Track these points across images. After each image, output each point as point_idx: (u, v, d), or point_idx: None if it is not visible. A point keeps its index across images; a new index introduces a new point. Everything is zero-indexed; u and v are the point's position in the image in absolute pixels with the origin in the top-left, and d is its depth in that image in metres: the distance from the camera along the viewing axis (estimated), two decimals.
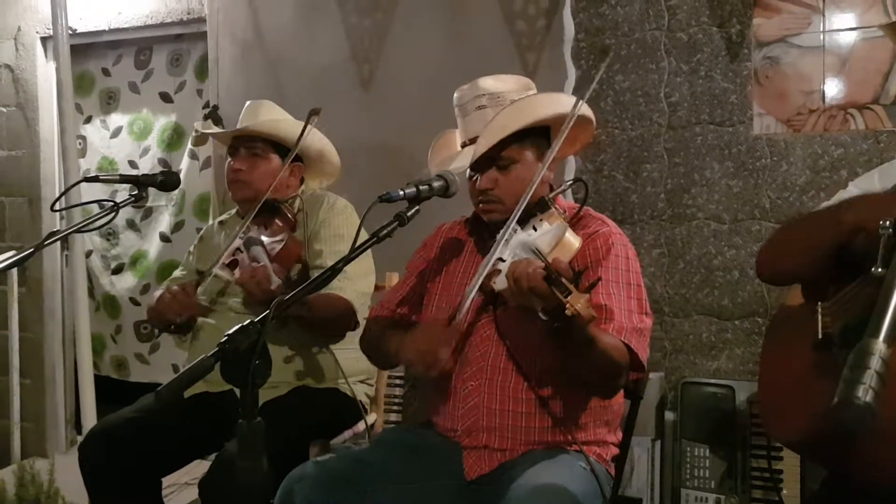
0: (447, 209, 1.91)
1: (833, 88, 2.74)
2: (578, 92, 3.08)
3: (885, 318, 0.82)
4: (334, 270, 1.30)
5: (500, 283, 1.58)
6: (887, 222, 0.89)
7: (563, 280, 1.39)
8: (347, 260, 1.35)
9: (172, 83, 4.02)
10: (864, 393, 0.78)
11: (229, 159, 2.37)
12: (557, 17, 3.13)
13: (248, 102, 2.51)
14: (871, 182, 1.54)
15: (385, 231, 1.47)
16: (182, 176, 3.88)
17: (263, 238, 2.07)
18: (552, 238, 1.55)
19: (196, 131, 2.61)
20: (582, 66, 3.08)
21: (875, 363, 0.79)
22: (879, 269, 0.91)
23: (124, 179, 2.09)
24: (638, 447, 2.70)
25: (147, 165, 4.03)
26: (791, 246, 1.53)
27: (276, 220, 2.17)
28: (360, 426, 2.18)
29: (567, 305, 1.37)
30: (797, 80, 2.78)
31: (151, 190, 2.10)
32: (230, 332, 1.15)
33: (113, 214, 1.86)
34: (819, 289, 1.41)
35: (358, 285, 2.16)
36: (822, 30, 2.75)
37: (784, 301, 1.63)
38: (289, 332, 2.14)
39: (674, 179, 2.95)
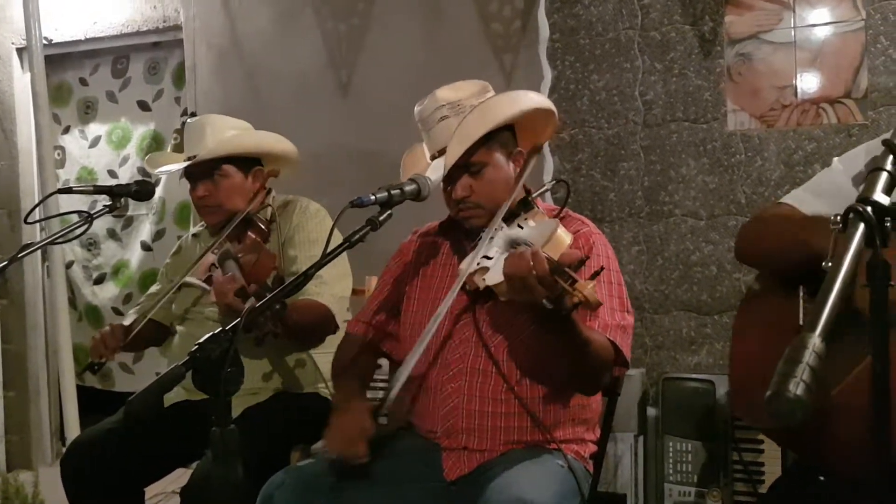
0: (432, 210, 1.93)
1: (805, 83, 2.77)
2: (554, 93, 3.11)
3: (822, 313, 0.84)
4: (306, 276, 1.31)
5: (491, 279, 1.57)
6: (837, 217, 0.90)
7: (567, 269, 1.40)
8: (319, 266, 1.36)
9: (150, 91, 4.01)
10: (796, 386, 0.80)
11: (189, 185, 2.33)
12: (532, 18, 3.15)
13: (187, 122, 2.45)
14: (857, 158, 1.54)
15: (357, 236, 1.48)
16: (162, 184, 3.92)
17: (236, 253, 2.06)
18: (544, 233, 1.55)
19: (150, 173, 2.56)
20: (558, 66, 3.11)
21: (808, 357, 0.81)
22: (829, 265, 0.93)
23: (98, 190, 2.08)
24: (621, 443, 2.72)
25: (127, 174, 4.02)
26: (775, 242, 1.54)
27: (249, 233, 2.17)
28: None
29: (574, 292, 1.36)
30: (770, 76, 2.81)
31: (132, 199, 2.09)
32: (201, 340, 1.16)
33: (87, 226, 1.85)
34: (795, 277, 1.43)
35: (335, 289, 2.16)
36: (793, 25, 2.78)
37: (752, 285, 1.64)
38: (271, 342, 2.14)
39: (650, 177, 2.98)
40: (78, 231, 1.86)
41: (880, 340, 0.86)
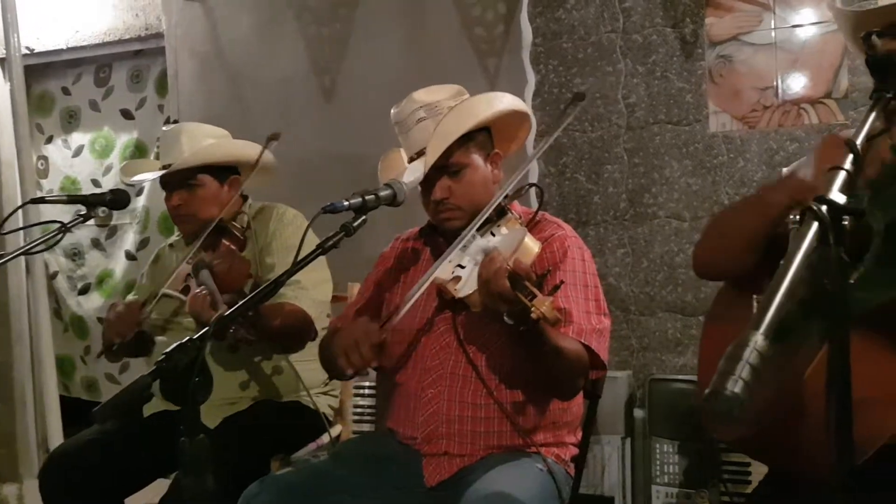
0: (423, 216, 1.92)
1: (786, 84, 2.78)
2: (538, 97, 3.11)
3: (767, 312, 0.83)
4: (277, 283, 1.30)
5: (462, 290, 1.58)
6: (796, 216, 0.90)
7: (527, 284, 1.40)
8: (290, 273, 1.35)
9: (133, 100, 4.00)
10: (734, 384, 0.79)
11: (165, 194, 2.31)
12: (515, 22, 3.15)
13: (164, 129, 2.44)
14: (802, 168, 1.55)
15: (330, 242, 1.47)
16: (145, 193, 3.90)
17: (210, 262, 2.05)
18: (512, 243, 1.56)
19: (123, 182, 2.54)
20: (541, 70, 3.11)
21: (749, 355, 0.80)
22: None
23: (72, 199, 2.07)
24: (608, 446, 2.72)
25: (110, 183, 4.00)
26: (723, 238, 1.55)
27: (224, 241, 2.15)
28: (325, 438, 2.17)
29: (532, 309, 1.38)
30: (751, 78, 2.81)
31: (107, 208, 2.07)
32: (168, 349, 1.14)
33: (61, 235, 1.84)
34: (755, 282, 1.42)
35: (313, 294, 2.15)
36: (773, 27, 2.79)
37: (720, 290, 1.64)
38: (247, 349, 2.13)
39: (634, 179, 2.98)
40: (52, 241, 1.84)
41: (839, 340, 0.86)
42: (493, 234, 1.66)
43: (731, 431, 0.74)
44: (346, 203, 1.52)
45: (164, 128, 2.50)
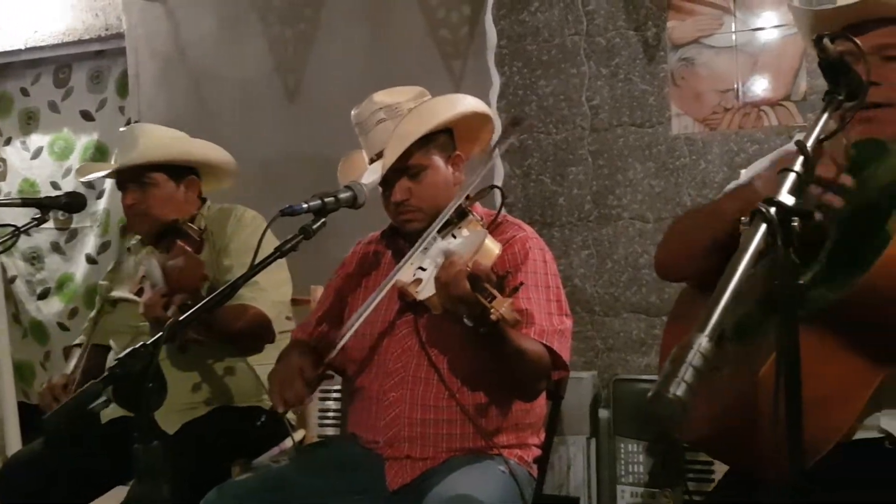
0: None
1: (746, 87, 2.82)
2: (503, 99, 3.12)
3: (713, 313, 0.84)
4: (234, 287, 1.28)
5: (423, 293, 1.58)
6: (746, 219, 0.91)
7: (487, 286, 1.41)
8: (247, 277, 1.33)
9: (93, 101, 3.95)
10: (676, 386, 0.79)
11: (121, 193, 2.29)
12: (479, 24, 3.16)
13: (121, 130, 2.42)
14: (762, 169, 1.57)
15: (289, 245, 1.45)
16: (106, 196, 3.84)
17: (166, 262, 2.03)
18: (472, 245, 1.56)
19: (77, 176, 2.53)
20: (506, 72, 3.12)
21: (693, 357, 0.80)
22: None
23: (26, 203, 2.03)
24: (573, 446, 2.73)
25: (70, 186, 3.94)
26: (683, 243, 1.56)
27: (179, 242, 2.13)
28: (287, 443, 2.15)
29: (492, 310, 1.38)
30: (712, 80, 2.85)
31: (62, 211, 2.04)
32: (120, 355, 1.12)
33: (14, 239, 1.80)
34: (715, 283, 1.43)
35: (272, 295, 2.13)
36: (733, 30, 2.83)
37: (683, 290, 1.66)
38: (203, 352, 2.10)
39: (599, 181, 3.00)
40: (6, 245, 1.80)
41: (788, 339, 0.86)
42: (454, 236, 1.66)
43: (673, 432, 0.74)
44: (304, 205, 1.51)
45: (121, 129, 2.47)
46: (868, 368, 1.24)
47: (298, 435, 2.27)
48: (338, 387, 2.86)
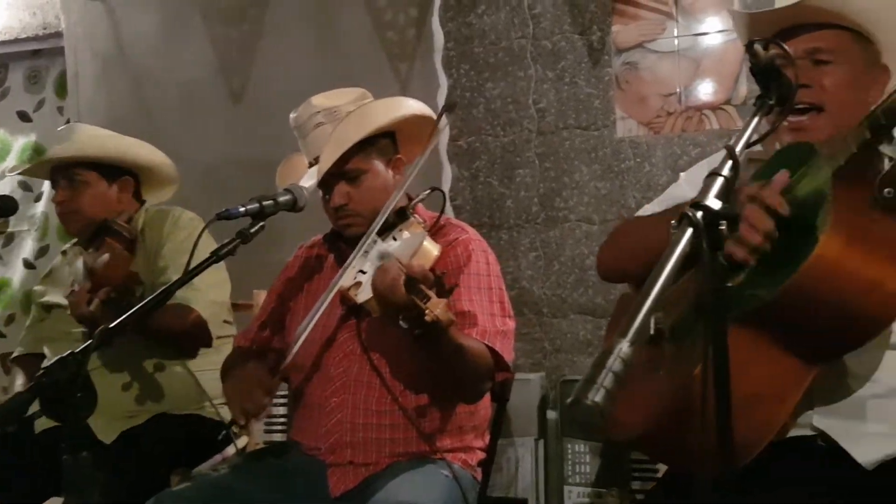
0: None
1: (688, 91, 2.86)
2: (448, 99, 3.12)
3: (635, 318, 0.85)
4: (168, 292, 1.25)
5: (362, 295, 1.58)
6: (675, 223, 0.92)
7: (422, 287, 1.41)
8: (182, 281, 1.30)
9: (31, 101, 3.86)
10: (595, 393, 0.79)
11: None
12: (427, 26, 3.16)
13: (60, 128, 2.39)
14: (700, 171, 1.59)
15: (225, 249, 1.43)
16: (44, 199, 3.74)
17: (93, 259, 1.99)
18: (411, 247, 1.57)
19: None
20: (453, 74, 3.12)
21: (613, 362, 0.81)
22: None
23: None
24: (521, 447, 2.74)
25: (6, 188, 3.82)
26: (624, 247, 1.58)
27: (107, 239, 2.09)
28: (230, 451, 2.12)
29: (426, 311, 1.38)
30: (655, 84, 2.89)
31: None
32: (47, 364, 1.09)
33: None
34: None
35: (208, 295, 2.10)
36: (676, 35, 2.87)
37: (625, 292, 1.67)
38: (141, 359, 2.06)
39: (546, 183, 3.02)
40: None
41: (716, 344, 0.87)
42: (395, 239, 1.66)
43: (593, 435, 0.74)
44: (241, 209, 1.49)
45: (59, 128, 2.42)
46: (800, 367, 1.27)
47: (241, 442, 2.24)
48: (284, 392, 2.83)
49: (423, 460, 1.68)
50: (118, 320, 1.26)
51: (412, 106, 1.80)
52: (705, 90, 2.85)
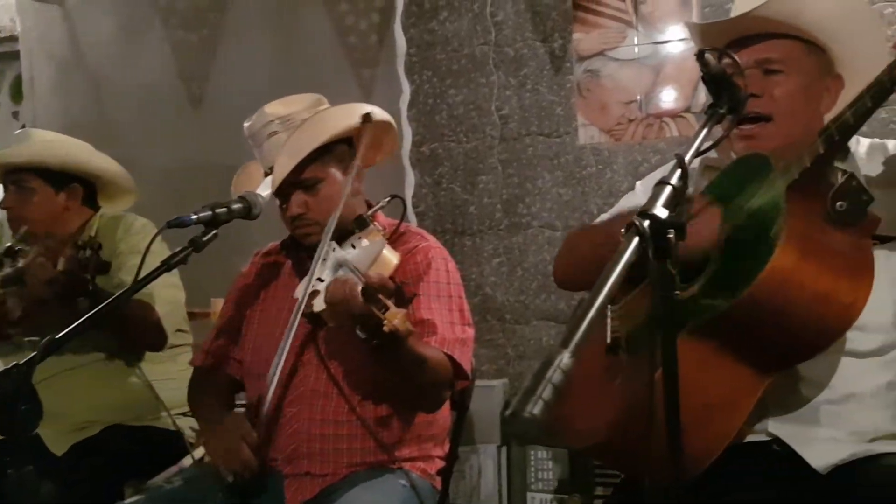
0: None
1: (648, 99, 2.88)
2: (413, 107, 3.12)
3: (578, 328, 0.84)
4: (117, 301, 1.23)
5: (318, 305, 1.56)
6: (623, 230, 0.92)
7: (381, 297, 1.40)
8: (131, 292, 1.28)
9: None
10: (533, 405, 0.79)
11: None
12: (389, 32, 3.15)
13: (17, 132, 2.38)
14: (654, 180, 1.60)
15: (177, 258, 1.40)
16: None
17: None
18: (370, 255, 1.55)
19: None
20: (415, 80, 3.12)
21: (553, 374, 0.80)
22: None
23: None
24: (484, 455, 2.73)
25: None
26: (576, 256, 1.58)
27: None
28: (186, 462, 2.08)
29: (384, 322, 1.37)
30: (616, 92, 2.90)
31: None
32: None
33: None
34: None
35: (162, 293, 2.08)
36: (636, 43, 2.89)
37: (581, 299, 1.68)
38: (88, 365, 2.04)
39: (509, 190, 3.02)
40: None
41: (666, 354, 0.87)
42: (354, 247, 1.64)
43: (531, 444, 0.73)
44: (194, 216, 1.46)
45: (15, 133, 2.38)
46: (753, 377, 1.28)
47: (198, 453, 2.20)
48: (244, 402, 2.79)
49: (381, 470, 1.67)
50: (64, 332, 1.22)
51: (368, 112, 1.78)
52: (665, 98, 2.87)
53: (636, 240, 0.89)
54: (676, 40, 2.86)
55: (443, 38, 3.08)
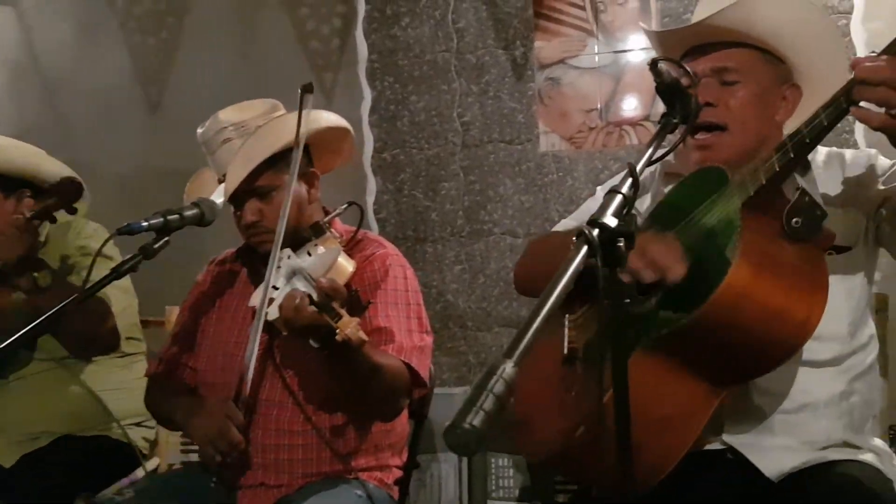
0: None
1: (609, 107, 2.91)
2: (374, 113, 3.10)
3: (522, 338, 0.83)
4: (60, 312, 1.20)
5: (272, 313, 1.54)
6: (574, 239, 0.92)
7: (334, 305, 1.38)
8: (78, 300, 1.24)
9: None
10: (474, 416, 0.77)
11: None
12: (351, 37, 3.14)
13: None
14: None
15: (126, 266, 1.37)
16: None
17: None
18: (324, 262, 1.53)
19: None
20: (377, 86, 3.11)
21: (494, 384, 0.78)
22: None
23: None
24: (445, 463, 2.72)
25: None
26: (538, 264, 1.58)
27: None
28: (139, 473, 2.04)
29: (337, 331, 1.35)
30: (577, 100, 2.92)
31: None
32: None
33: None
34: (566, 301, 1.44)
35: (112, 291, 2.03)
36: (596, 52, 2.91)
37: None
38: (38, 375, 2.00)
39: (470, 196, 3.02)
40: None
41: (616, 363, 0.87)
42: (310, 254, 1.62)
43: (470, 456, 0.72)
44: (145, 223, 1.43)
45: None
46: (708, 390, 1.28)
47: (151, 464, 2.16)
48: None
49: (336, 480, 1.64)
50: (6, 342, 1.19)
51: (324, 118, 1.76)
52: (625, 106, 2.90)
53: (585, 248, 0.88)
54: (636, 49, 2.88)
55: (405, 44, 3.08)
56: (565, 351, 1.38)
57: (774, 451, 1.38)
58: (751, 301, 1.21)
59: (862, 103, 1.21)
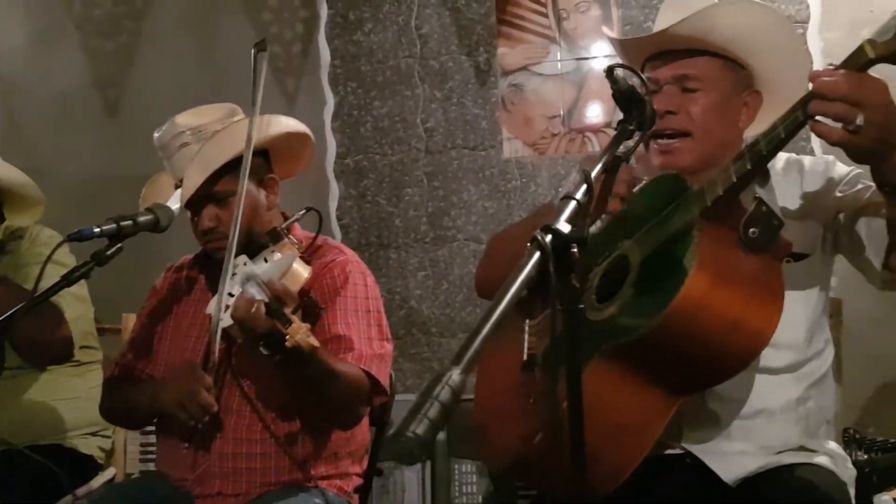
0: None
1: (571, 114, 2.92)
2: (337, 119, 3.08)
3: (471, 345, 0.82)
4: (10, 320, 1.17)
5: (226, 320, 1.52)
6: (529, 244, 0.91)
7: (285, 311, 1.37)
8: (27, 308, 1.21)
9: None
10: (417, 425, 0.75)
11: None
12: (313, 42, 3.12)
13: None
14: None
15: (78, 273, 1.34)
16: None
17: None
18: (279, 269, 1.51)
19: None
20: (340, 92, 3.09)
21: (440, 392, 0.77)
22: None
23: None
24: (408, 470, 2.71)
25: None
26: (498, 264, 1.57)
27: None
28: (95, 483, 2.00)
29: (287, 337, 1.34)
30: (540, 107, 2.94)
31: None
32: None
33: None
34: (527, 306, 1.45)
35: (68, 308, 1.99)
36: (559, 59, 2.93)
37: None
38: None
39: (434, 203, 3.02)
40: None
41: (570, 369, 0.87)
42: (266, 260, 1.60)
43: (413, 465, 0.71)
44: (97, 229, 1.40)
45: None
46: (665, 398, 1.28)
47: (108, 474, 2.12)
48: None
49: (295, 489, 1.62)
50: None
51: (283, 123, 1.75)
52: (587, 113, 2.92)
53: (537, 254, 0.88)
54: (599, 57, 2.91)
55: (367, 49, 3.07)
56: (525, 357, 1.38)
57: (732, 455, 1.39)
58: (707, 311, 1.22)
59: (819, 117, 1.21)
